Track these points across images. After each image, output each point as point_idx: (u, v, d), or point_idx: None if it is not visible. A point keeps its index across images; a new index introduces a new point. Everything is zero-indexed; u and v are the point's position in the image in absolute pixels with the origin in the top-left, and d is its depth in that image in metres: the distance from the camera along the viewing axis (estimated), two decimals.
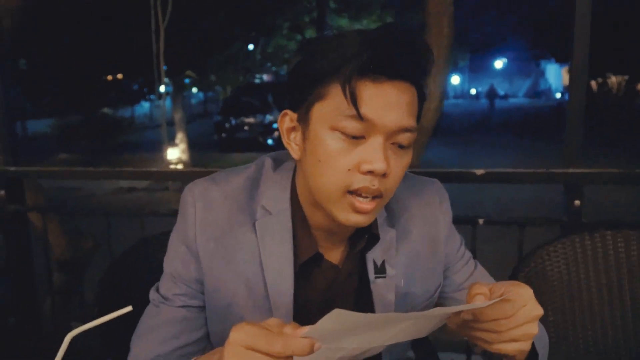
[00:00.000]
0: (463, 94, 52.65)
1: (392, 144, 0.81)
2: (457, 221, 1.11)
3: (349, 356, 0.72)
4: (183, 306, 0.93)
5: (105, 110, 16.92)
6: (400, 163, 0.83)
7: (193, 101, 35.11)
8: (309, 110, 0.83)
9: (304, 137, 0.85)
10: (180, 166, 10.38)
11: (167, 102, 9.51)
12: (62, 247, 2.99)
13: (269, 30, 10.97)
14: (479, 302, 0.71)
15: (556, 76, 45.56)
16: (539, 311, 0.73)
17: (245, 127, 15.30)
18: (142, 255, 1.41)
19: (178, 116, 12.00)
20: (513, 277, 1.37)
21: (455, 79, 51.01)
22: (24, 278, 2.36)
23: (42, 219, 2.35)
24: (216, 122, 16.00)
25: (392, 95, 0.78)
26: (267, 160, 0.99)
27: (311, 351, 0.58)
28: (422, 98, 0.85)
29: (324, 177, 0.82)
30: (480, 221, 1.72)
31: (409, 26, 0.79)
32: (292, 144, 0.89)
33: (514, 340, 0.72)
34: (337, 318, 0.57)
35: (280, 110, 0.91)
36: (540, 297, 1.37)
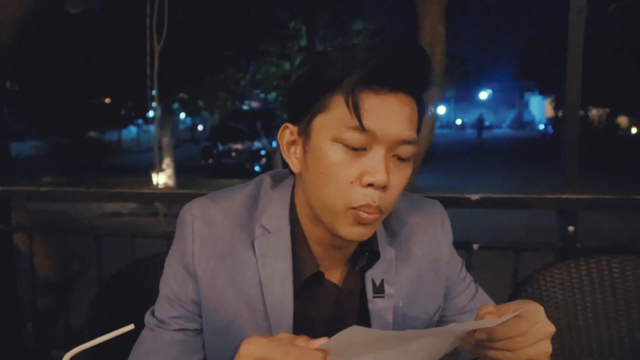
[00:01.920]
0: (449, 124, 53.31)
1: (393, 156, 0.81)
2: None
3: None
4: (180, 329, 0.91)
5: (92, 133, 16.83)
6: (400, 176, 0.82)
7: (180, 127, 35.16)
8: (311, 122, 0.82)
9: (305, 150, 0.84)
10: None
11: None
12: (47, 269, 2.92)
13: (260, 55, 11.05)
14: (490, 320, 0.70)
15: (539, 108, 46.31)
16: (552, 328, 0.72)
17: (233, 154, 15.26)
18: (134, 277, 1.38)
19: (166, 141, 11.97)
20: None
21: (441, 109, 51.69)
22: (7, 302, 2.30)
23: (28, 240, 2.30)
24: (203, 147, 15.95)
25: (394, 107, 0.79)
26: (265, 178, 0.98)
27: None
28: (422, 112, 0.85)
29: (327, 189, 0.81)
30: (475, 246, 1.72)
31: (410, 38, 0.80)
32: (292, 157, 0.88)
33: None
34: (354, 334, 0.55)
35: (268, 137, 0.90)
36: None
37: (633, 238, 6.13)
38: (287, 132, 0.88)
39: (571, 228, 1.68)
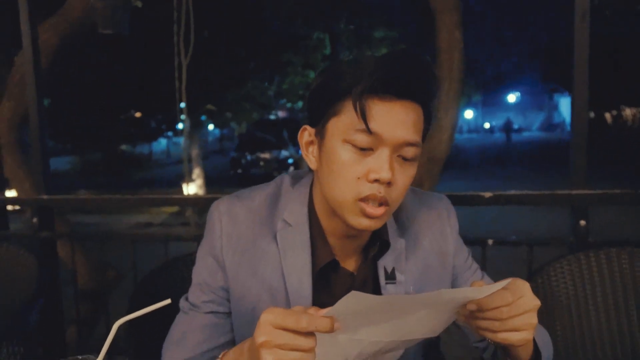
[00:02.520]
0: (477, 128, 52.72)
1: (398, 156, 0.91)
2: (467, 243, 1.18)
3: (367, 353, 0.79)
4: (211, 312, 1.02)
5: (124, 147, 17.31)
6: (405, 174, 0.92)
7: (209, 138, 35.76)
8: (325, 125, 0.93)
9: (320, 150, 0.95)
10: None
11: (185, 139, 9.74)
12: (85, 277, 3.08)
13: (284, 66, 11.25)
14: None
15: (570, 109, 45.29)
16: (537, 302, 0.81)
17: (261, 163, 15.55)
18: (169, 273, 1.50)
19: (195, 152, 12.25)
20: None
21: (468, 114, 51.22)
22: (52, 306, 2.44)
23: (69, 248, 2.45)
24: (232, 158, 16.27)
25: (399, 112, 0.88)
26: (285, 178, 1.10)
27: (332, 328, 0.67)
28: (428, 117, 0.95)
29: (337, 184, 0.91)
30: (490, 242, 1.79)
31: (416, 51, 0.89)
32: (310, 156, 0.99)
33: (517, 330, 0.80)
34: (353, 299, 0.65)
35: (295, 145, 1.00)
36: (548, 313, 1.44)
37: None
38: (306, 133, 0.99)
39: (583, 222, 1.73)
